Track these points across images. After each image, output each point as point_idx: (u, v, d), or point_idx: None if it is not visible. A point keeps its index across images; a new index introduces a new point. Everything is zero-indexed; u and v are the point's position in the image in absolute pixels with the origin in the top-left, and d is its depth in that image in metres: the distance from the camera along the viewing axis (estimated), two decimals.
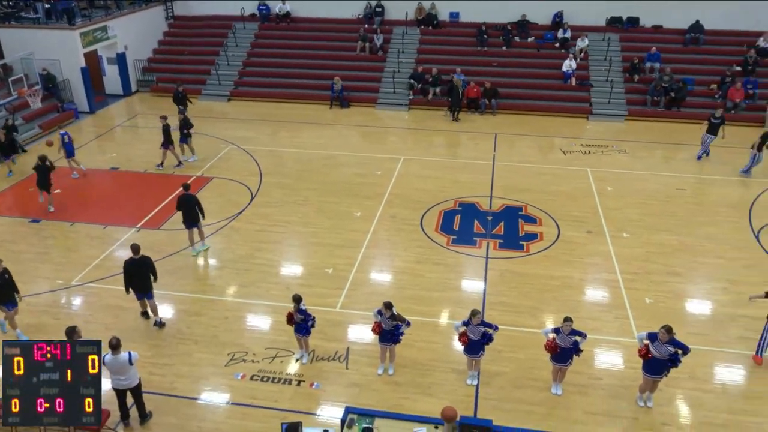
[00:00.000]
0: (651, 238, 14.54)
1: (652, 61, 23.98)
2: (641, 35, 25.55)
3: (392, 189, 17.07)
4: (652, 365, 9.26)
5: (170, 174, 18.05)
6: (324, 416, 9.54)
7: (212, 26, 28.30)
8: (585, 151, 19.91)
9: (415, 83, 24.15)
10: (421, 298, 12.35)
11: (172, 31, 28.56)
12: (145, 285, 11.34)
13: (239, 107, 24.40)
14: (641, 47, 24.62)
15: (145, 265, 11.32)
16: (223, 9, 28.26)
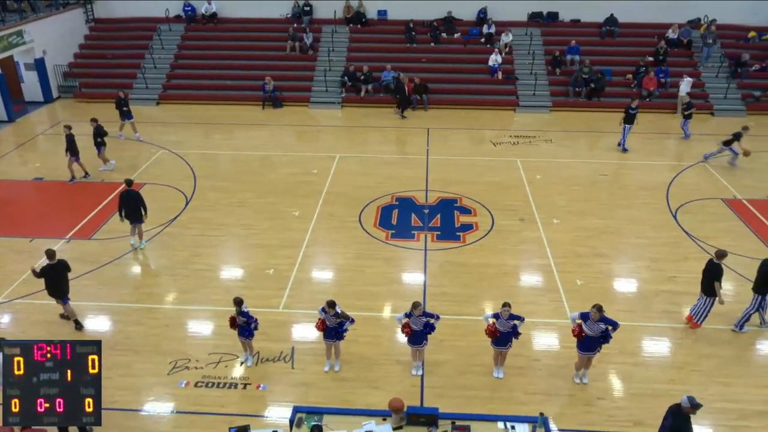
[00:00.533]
0: (579, 223, 15.22)
1: (572, 54, 25.03)
2: (561, 29, 26.64)
3: (329, 187, 17.14)
4: (586, 343, 9.70)
5: (98, 182, 17.46)
6: (272, 417, 9.53)
7: (136, 28, 27.44)
8: (514, 142, 20.59)
9: (348, 81, 24.25)
10: (363, 293, 12.50)
11: (93, 35, 27.49)
12: (60, 290, 11.15)
13: (169, 110, 23.81)
14: (561, 41, 25.65)
15: (61, 268, 11.12)
16: (146, 11, 27.42)
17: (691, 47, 25.44)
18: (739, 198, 16.54)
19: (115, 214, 15.34)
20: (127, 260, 13.65)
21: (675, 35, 25.42)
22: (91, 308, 12.09)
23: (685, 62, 25.03)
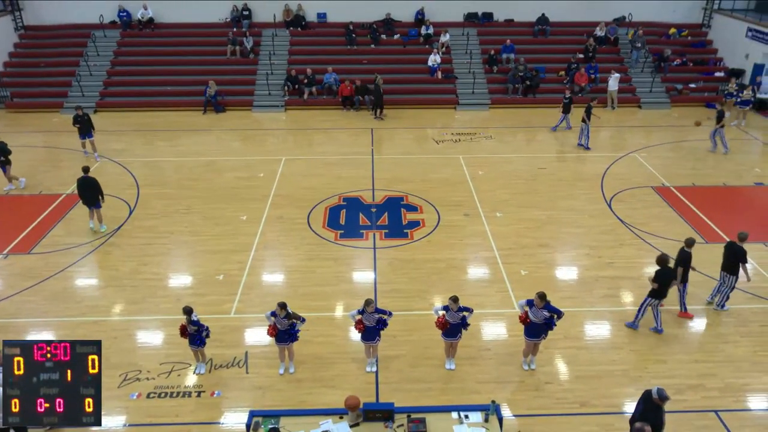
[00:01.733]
0: (521, 215, 15.75)
1: (508, 53, 25.79)
2: (496, 29, 27.39)
3: (276, 190, 17.14)
4: (531, 329, 10.09)
5: (36, 194, 16.90)
6: (228, 423, 9.51)
7: (69, 35, 26.56)
8: (456, 140, 21.07)
9: (290, 85, 24.23)
10: (315, 294, 12.59)
11: (24, 42, 26.48)
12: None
13: (107, 118, 23.18)
14: (497, 40, 26.37)
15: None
16: (79, 17, 26.59)
17: (618, 44, 26.62)
18: (667, 185, 17.47)
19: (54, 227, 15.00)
20: (69, 273, 13.29)
21: (602, 33, 26.54)
22: (34, 324, 11.74)
23: (613, 58, 26.18)
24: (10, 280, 13.07)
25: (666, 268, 11.13)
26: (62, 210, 15.95)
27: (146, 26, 26.62)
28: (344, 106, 24.01)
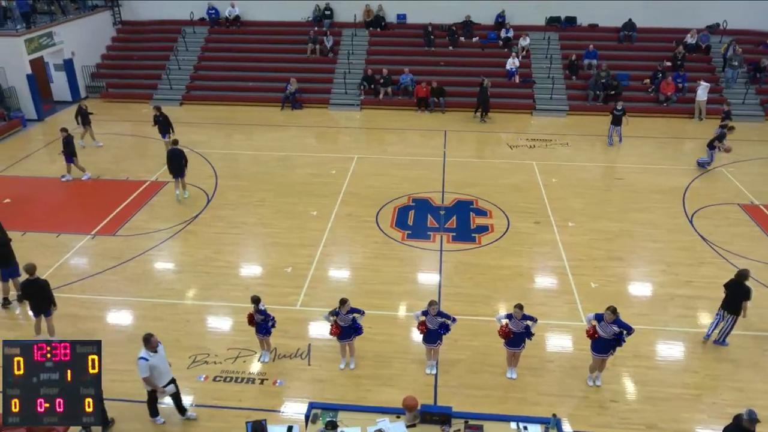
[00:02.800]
0: (594, 226, 15.27)
1: (590, 59, 25.04)
2: (579, 34, 26.64)
3: (347, 187, 17.37)
4: (599, 344, 9.77)
5: (123, 180, 17.88)
6: (288, 413, 9.70)
7: (161, 31, 27.97)
8: (530, 146, 20.67)
9: (366, 84, 24.50)
10: (379, 292, 12.68)
11: (120, 37, 28.07)
12: (42, 306, 11.10)
13: (192, 111, 24.24)
14: (579, 45, 25.65)
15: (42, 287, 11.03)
16: (171, 13, 27.92)
17: (710, 52, 25.30)
18: (757, 203, 16.48)
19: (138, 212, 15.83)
20: (149, 256, 13.98)
21: (693, 40, 25.30)
22: (115, 303, 12.44)
23: (704, 67, 24.91)
24: (96, 260, 13.89)
25: (740, 282, 10.56)
26: (146, 196, 16.80)
27: (232, 24, 27.61)
28: (419, 107, 24.03)
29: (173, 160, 16.12)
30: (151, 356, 8.90)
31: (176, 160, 16.13)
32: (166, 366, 9.25)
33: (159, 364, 9.05)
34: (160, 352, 9.05)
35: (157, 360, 8.99)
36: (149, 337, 8.93)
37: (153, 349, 8.93)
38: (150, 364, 8.89)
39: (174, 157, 16.12)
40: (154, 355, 8.94)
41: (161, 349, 9.10)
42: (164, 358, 9.18)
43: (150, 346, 8.91)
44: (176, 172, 16.27)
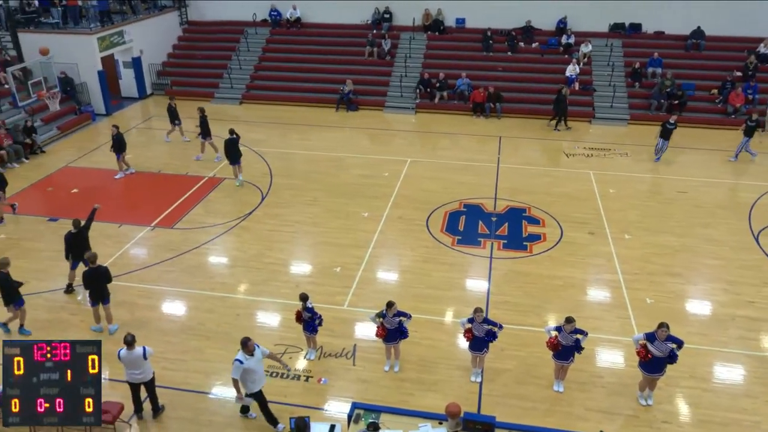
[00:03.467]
0: (652, 240, 14.78)
1: (654, 67, 24.24)
2: (643, 41, 25.81)
3: (399, 190, 17.39)
4: (652, 364, 9.44)
5: (183, 174, 18.44)
6: (331, 411, 9.78)
7: (225, 31, 28.74)
8: (588, 154, 20.18)
9: (422, 88, 24.49)
10: (426, 296, 12.63)
11: (186, 36, 29.00)
12: (101, 294, 11.46)
13: (250, 110, 24.80)
14: (643, 53, 24.88)
15: (103, 275, 11.37)
16: (235, 14, 28.65)
17: None
18: None
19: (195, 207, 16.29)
20: (204, 250, 14.36)
21: (767, 50, 24.15)
22: (170, 293, 12.84)
23: None
24: (154, 251, 14.38)
25: None
26: (203, 191, 17.29)
27: (293, 25, 28.10)
28: (474, 112, 23.84)
29: (230, 147, 17.24)
30: (247, 359, 8.90)
31: (233, 147, 17.20)
32: (261, 370, 9.24)
33: (255, 368, 9.04)
34: (256, 356, 9.03)
35: (253, 363, 8.97)
36: (246, 341, 8.93)
37: (250, 352, 8.94)
38: (244, 367, 8.88)
39: (231, 144, 17.19)
40: (250, 359, 8.94)
41: (258, 353, 9.08)
42: (260, 362, 9.17)
43: (247, 349, 8.92)
44: (233, 159, 17.37)
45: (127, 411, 9.49)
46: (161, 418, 9.67)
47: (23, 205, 16.51)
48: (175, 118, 20.31)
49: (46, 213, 16.17)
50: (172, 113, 20.24)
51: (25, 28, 23.18)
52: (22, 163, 19.28)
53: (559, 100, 22.14)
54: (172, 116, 20.29)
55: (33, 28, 23.36)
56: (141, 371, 9.24)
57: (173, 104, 20.24)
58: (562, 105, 22.10)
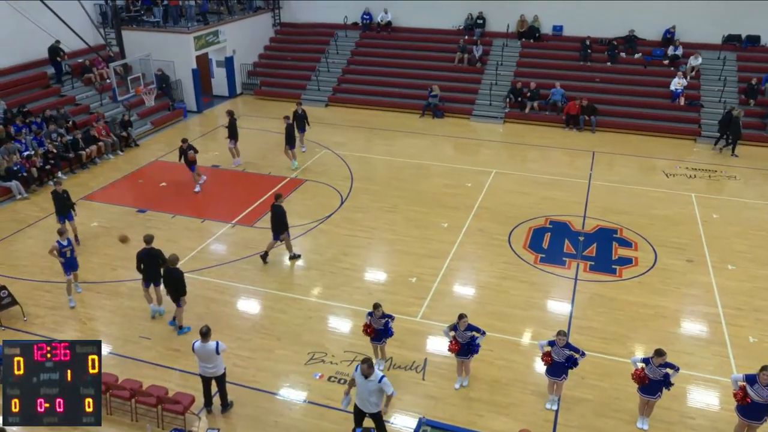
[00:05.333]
0: (760, 273, 13.49)
1: None
2: (762, 55, 23.85)
3: (482, 202, 16.86)
4: (750, 409, 8.60)
5: (266, 174, 18.74)
6: (397, 425, 9.53)
7: (316, 33, 29.19)
8: (690, 175, 18.79)
9: (513, 97, 23.78)
10: (503, 314, 12.10)
11: (277, 38, 29.71)
12: (155, 274, 11.70)
13: (335, 113, 24.99)
14: (761, 68, 23.00)
15: (156, 256, 11.62)
16: (327, 17, 29.09)
17: None
18: None
19: None
20: (281, 250, 14.40)
21: None
22: (245, 291, 12.99)
23: None
24: (234, 248, 14.63)
25: None
26: (285, 191, 17.42)
27: (384, 29, 28.13)
28: (567, 124, 22.86)
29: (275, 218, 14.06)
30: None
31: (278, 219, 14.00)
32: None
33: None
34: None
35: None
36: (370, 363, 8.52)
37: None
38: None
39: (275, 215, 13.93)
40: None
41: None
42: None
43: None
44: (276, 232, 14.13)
45: (198, 403, 9.64)
46: (229, 414, 9.74)
47: (116, 195, 17.30)
48: (300, 125, 19.84)
49: (136, 204, 16.86)
50: (299, 120, 19.77)
51: (129, 26, 24.42)
52: (118, 155, 20.33)
53: (730, 122, 20.25)
54: (298, 123, 19.77)
55: (135, 26, 24.62)
56: (213, 365, 9.36)
57: (300, 110, 19.76)
58: (735, 128, 20.11)
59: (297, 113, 19.61)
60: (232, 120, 18.83)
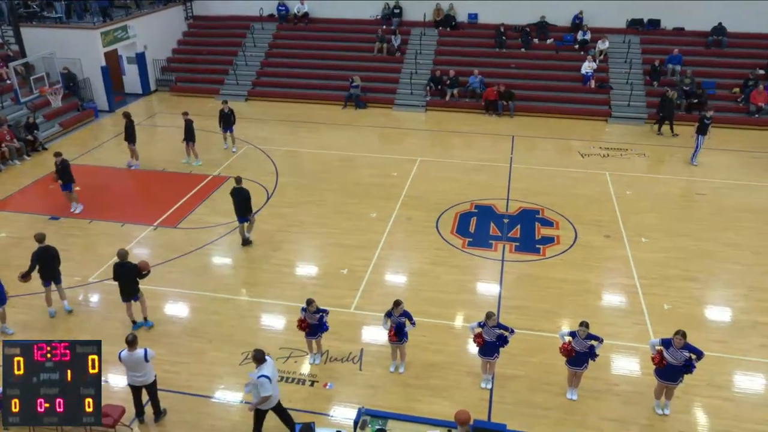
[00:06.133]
0: (670, 243, 14.36)
1: (674, 64, 23.70)
2: (662, 37, 25.26)
3: (408, 190, 17.05)
4: (667, 371, 9.17)
5: (188, 173, 18.18)
6: (337, 417, 9.56)
7: (231, 26, 28.48)
8: (604, 155, 19.73)
9: (433, 85, 24.11)
10: (436, 300, 12.32)
11: (191, 31, 28.78)
12: (54, 272, 11.67)
13: (256, 107, 24.53)
14: (662, 49, 24.36)
15: (54, 255, 11.59)
16: (241, 9, 28.41)
17: None
18: None
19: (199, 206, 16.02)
20: (208, 250, 14.10)
21: None
22: (173, 294, 12.60)
23: None
24: (158, 251, 14.13)
25: None
26: (207, 190, 17.03)
27: (300, 20, 27.79)
28: (487, 110, 23.43)
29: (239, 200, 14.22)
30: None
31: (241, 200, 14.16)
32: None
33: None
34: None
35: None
36: (262, 355, 8.59)
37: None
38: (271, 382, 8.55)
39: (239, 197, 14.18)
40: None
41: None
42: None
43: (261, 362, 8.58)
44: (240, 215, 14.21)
45: (129, 414, 9.28)
46: (163, 422, 9.47)
47: (25, 202, 16.30)
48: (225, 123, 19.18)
49: (47, 211, 15.95)
50: (224, 119, 19.14)
51: (28, 23, 22.98)
52: (24, 160, 19.14)
53: (666, 104, 21.01)
54: (223, 122, 19.16)
55: (36, 23, 23.19)
56: (142, 374, 9.05)
57: (225, 109, 19.09)
58: (669, 108, 20.91)
59: (223, 112, 19.03)
60: (129, 122, 18.00)
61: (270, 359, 8.82)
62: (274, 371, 8.80)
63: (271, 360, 8.87)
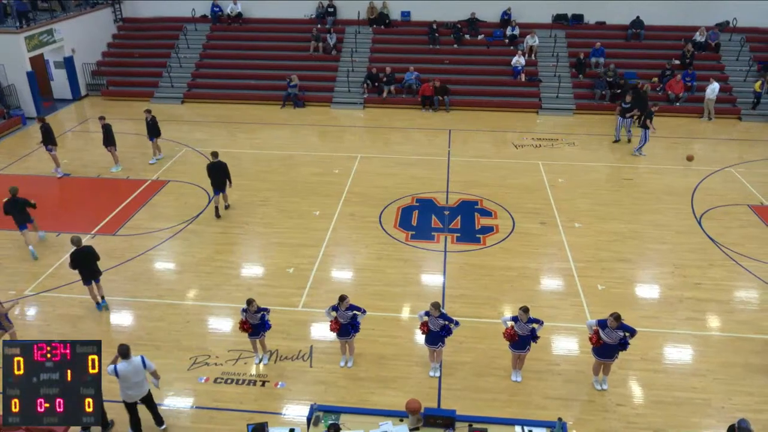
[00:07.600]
0: (601, 227, 15.06)
1: (597, 57, 24.77)
2: (586, 32, 26.37)
3: (350, 187, 17.19)
4: (603, 349, 9.64)
5: (124, 178, 17.72)
6: (290, 415, 9.60)
7: (162, 28, 27.82)
8: (536, 145, 20.44)
9: (370, 83, 24.31)
10: (383, 293, 12.52)
11: (121, 34, 27.93)
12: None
13: (193, 109, 24.07)
14: (586, 43, 25.40)
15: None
16: (173, 10, 27.78)
17: (719, 51, 25.02)
18: (767, 204, 16.24)
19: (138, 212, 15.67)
20: (150, 256, 13.83)
21: (702, 38, 25.03)
22: (115, 303, 12.30)
23: (713, 66, 24.61)
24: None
25: None
26: (147, 195, 16.65)
27: (234, 21, 27.43)
28: (423, 106, 23.83)
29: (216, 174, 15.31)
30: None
31: (219, 174, 15.32)
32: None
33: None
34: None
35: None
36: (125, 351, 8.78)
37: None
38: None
39: (216, 170, 15.30)
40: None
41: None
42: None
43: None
44: (216, 187, 15.38)
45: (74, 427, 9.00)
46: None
47: None
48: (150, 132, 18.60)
49: None
50: (149, 128, 18.50)
51: None
52: None
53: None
54: (149, 131, 18.54)
55: None
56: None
57: (148, 117, 18.45)
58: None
59: (146, 120, 18.41)
60: (44, 126, 17.39)
61: (136, 359, 8.88)
62: (133, 369, 8.86)
63: (138, 360, 8.91)
